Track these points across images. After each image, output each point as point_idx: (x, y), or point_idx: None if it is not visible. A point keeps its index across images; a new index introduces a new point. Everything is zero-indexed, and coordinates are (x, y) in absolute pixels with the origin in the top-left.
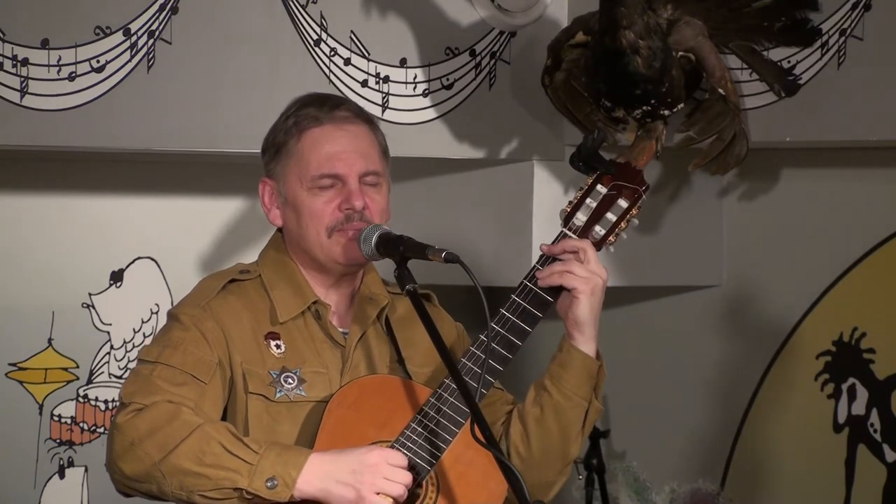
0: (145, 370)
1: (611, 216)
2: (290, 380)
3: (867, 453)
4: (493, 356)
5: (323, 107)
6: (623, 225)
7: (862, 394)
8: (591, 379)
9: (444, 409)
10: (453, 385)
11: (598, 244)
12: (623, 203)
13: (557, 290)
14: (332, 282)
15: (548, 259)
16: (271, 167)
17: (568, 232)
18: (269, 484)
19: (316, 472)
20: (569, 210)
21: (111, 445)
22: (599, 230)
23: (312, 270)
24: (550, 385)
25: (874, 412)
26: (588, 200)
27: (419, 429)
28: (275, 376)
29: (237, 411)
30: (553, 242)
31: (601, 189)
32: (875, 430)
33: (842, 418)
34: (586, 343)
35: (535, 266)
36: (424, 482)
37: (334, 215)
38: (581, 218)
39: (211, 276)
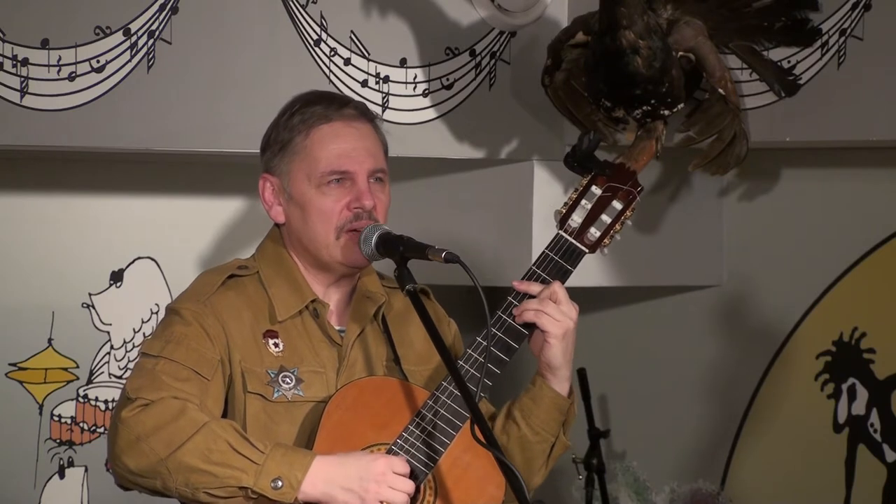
0: (148, 364)
1: (605, 218)
2: (287, 379)
3: (867, 453)
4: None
5: (331, 105)
6: (617, 227)
7: (862, 394)
8: (561, 415)
9: (442, 411)
10: (450, 387)
11: (594, 246)
12: (617, 205)
13: (531, 325)
14: (332, 280)
15: (521, 294)
16: (274, 164)
17: (564, 234)
18: (273, 484)
19: (321, 476)
20: (564, 211)
21: (115, 440)
22: (595, 232)
23: (312, 268)
24: (520, 417)
25: (874, 412)
26: (583, 202)
27: (417, 431)
28: (272, 375)
29: (235, 410)
30: (549, 244)
31: (596, 190)
32: (875, 430)
33: (842, 418)
34: (559, 383)
35: (508, 301)
36: (422, 485)
37: (343, 214)
38: (577, 220)
39: (210, 272)
